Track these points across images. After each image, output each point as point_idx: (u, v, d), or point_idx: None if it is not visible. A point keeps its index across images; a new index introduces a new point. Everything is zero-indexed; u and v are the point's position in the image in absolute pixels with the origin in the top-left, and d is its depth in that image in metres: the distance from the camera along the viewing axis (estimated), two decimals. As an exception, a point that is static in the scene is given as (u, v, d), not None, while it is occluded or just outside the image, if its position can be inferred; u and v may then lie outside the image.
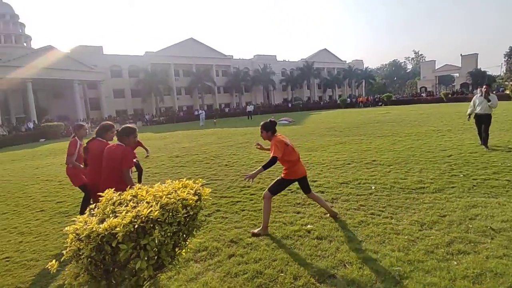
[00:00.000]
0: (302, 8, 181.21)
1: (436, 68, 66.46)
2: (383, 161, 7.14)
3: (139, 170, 6.22)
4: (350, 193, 5.08)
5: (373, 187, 5.27)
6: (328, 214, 4.15)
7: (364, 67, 74.54)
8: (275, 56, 61.66)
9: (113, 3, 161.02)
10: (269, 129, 4.05)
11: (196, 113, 41.76)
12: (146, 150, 5.99)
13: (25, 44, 41.56)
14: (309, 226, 3.91)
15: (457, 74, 63.38)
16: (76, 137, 4.75)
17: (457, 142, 8.82)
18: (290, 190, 5.50)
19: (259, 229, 3.88)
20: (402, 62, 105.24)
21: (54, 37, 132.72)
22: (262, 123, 4.10)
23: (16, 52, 34.83)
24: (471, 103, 8.18)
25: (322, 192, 5.25)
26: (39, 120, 32.28)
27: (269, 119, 4.15)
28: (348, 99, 50.96)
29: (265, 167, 3.76)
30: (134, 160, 3.99)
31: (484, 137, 7.78)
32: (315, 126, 17.04)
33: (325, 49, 67.93)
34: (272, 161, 3.77)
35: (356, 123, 16.73)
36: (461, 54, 60.67)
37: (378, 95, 52.20)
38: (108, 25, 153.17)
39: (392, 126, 14.07)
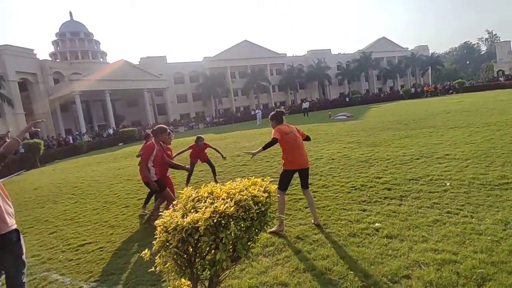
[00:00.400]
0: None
1: None
2: (458, 155, 6.52)
3: (211, 167, 7.54)
4: (421, 190, 4.77)
5: (448, 184, 4.87)
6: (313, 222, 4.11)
7: (430, 52, 67.90)
8: (330, 49, 59.83)
9: (173, 15, 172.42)
10: (273, 119, 4.30)
11: (253, 113, 42.72)
12: (221, 154, 7.47)
13: (101, 59, 46.91)
14: (377, 224, 3.79)
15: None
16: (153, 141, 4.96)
17: (552, 131, 7.63)
18: (354, 187, 5.38)
19: (276, 226, 3.95)
20: (474, 44, 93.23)
21: (124, 50, 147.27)
22: (271, 113, 4.38)
23: (94, 67, 39.56)
24: None
25: (389, 189, 5.01)
26: (117, 126, 36.26)
27: (276, 110, 4.40)
28: (412, 89, 47.16)
29: (265, 147, 4.10)
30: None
31: None
32: (376, 120, 16.16)
33: (384, 37, 63.76)
34: (271, 142, 4.07)
35: (423, 115, 15.44)
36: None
37: (448, 82, 47.21)
38: (170, 35, 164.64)
39: (467, 116, 12.67)
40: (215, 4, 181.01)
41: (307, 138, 4.46)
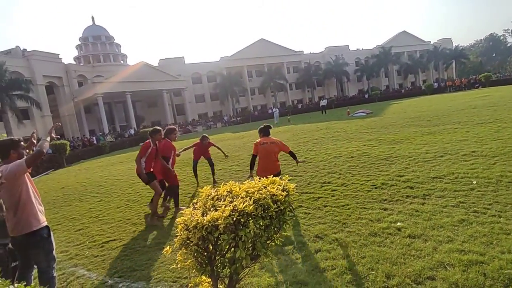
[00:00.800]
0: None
1: (553, 36, 54.32)
2: (486, 152, 6.25)
3: (211, 166, 7.93)
4: (445, 189, 4.61)
5: (474, 182, 4.69)
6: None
7: (454, 45, 65.22)
8: (348, 45, 58.71)
9: (191, 17, 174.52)
10: (260, 132, 5.04)
11: (270, 111, 42.67)
12: (223, 153, 7.81)
13: (122, 62, 48.28)
14: (399, 223, 3.71)
15: None
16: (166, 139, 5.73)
17: None
18: (374, 185, 5.28)
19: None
20: (501, 36, 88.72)
21: (144, 52, 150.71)
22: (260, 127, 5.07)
23: (115, 69, 40.77)
24: None
25: (412, 188, 4.88)
26: (138, 126, 37.20)
27: (263, 124, 5.08)
28: (435, 84, 45.54)
29: (251, 166, 4.74)
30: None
31: None
32: (396, 117, 15.73)
33: (404, 31, 61.81)
34: (251, 159, 4.80)
35: (446, 110, 14.89)
36: None
37: (474, 76, 45.25)
38: (188, 36, 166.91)
39: (494, 111, 12.10)
40: (231, 4, 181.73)
41: (291, 153, 4.96)
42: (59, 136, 23.72)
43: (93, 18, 47.08)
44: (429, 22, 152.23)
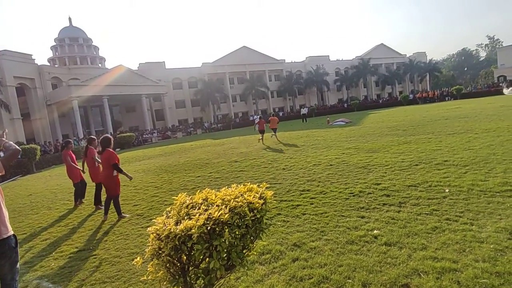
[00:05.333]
0: (356, 4, 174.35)
1: (517, 53, 58.16)
2: (457, 161, 6.48)
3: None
4: (420, 197, 4.72)
5: (447, 190, 4.82)
6: None
7: (428, 59, 68.42)
8: (328, 56, 60.18)
9: (172, 22, 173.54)
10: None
11: (251, 118, 42.76)
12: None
13: (100, 65, 46.91)
14: (375, 231, 3.73)
15: (546, 59, 54.71)
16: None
17: (551, 137, 7.61)
18: (352, 193, 5.32)
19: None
20: (473, 50, 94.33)
21: (123, 56, 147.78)
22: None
23: (92, 72, 39.52)
24: None
25: (388, 196, 4.96)
26: (115, 132, 36.12)
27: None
28: (411, 95, 47.33)
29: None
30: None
31: None
32: (374, 126, 16.16)
33: (382, 44, 64.19)
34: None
35: (421, 121, 15.45)
36: (549, 35, 52.28)
37: (446, 89, 47.45)
38: (169, 41, 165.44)
39: (465, 122, 12.68)
40: (214, 10, 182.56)
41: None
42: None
43: (70, 19, 45.67)
44: (405, 36, 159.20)
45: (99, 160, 6.65)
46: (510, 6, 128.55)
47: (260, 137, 14.93)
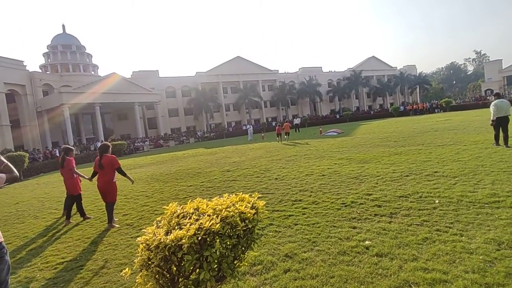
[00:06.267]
0: (348, 17, 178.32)
1: (503, 68, 60.10)
2: (447, 173, 6.57)
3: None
4: (411, 208, 4.75)
5: (437, 201, 4.87)
6: None
7: (418, 72, 70.05)
8: (321, 67, 61.12)
9: (167, 30, 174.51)
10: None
11: (244, 128, 42.84)
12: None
13: (92, 72, 46.70)
14: (367, 242, 3.73)
15: (530, 73, 56.60)
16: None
17: (536, 149, 7.80)
18: (344, 204, 5.33)
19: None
20: (461, 64, 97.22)
21: (118, 63, 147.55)
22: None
23: (85, 80, 39.29)
24: None
25: (379, 206, 4.98)
26: (106, 139, 35.72)
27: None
28: (401, 107, 48.20)
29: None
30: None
31: None
32: (366, 137, 16.34)
33: (374, 56, 65.55)
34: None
35: (411, 132, 15.69)
36: (533, 51, 54.28)
37: (435, 101, 48.49)
38: (164, 51, 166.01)
39: (455, 134, 12.92)
40: (208, 20, 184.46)
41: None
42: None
43: (63, 26, 45.63)
44: (396, 49, 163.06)
45: (78, 172, 6.70)
46: (494, 23, 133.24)
47: (278, 139, 20.50)
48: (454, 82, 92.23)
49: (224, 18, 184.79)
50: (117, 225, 5.74)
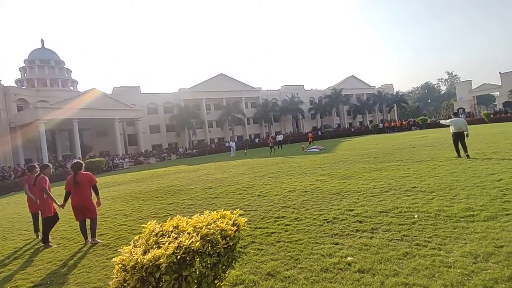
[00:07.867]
0: (328, 37, 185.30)
1: (473, 88, 63.71)
2: (424, 188, 6.75)
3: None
4: (391, 223, 4.81)
5: (415, 216, 4.97)
6: None
7: (395, 91, 73.06)
8: (303, 85, 62.61)
9: (150, 46, 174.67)
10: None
11: (227, 144, 42.71)
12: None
13: (71, 87, 45.67)
14: (349, 258, 3.73)
15: (498, 93, 60.33)
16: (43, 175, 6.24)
17: (506, 165, 8.18)
18: (326, 220, 5.34)
19: None
20: (435, 84, 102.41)
21: (98, 79, 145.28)
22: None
23: (63, 95, 38.32)
24: None
25: (361, 222, 5.02)
26: (83, 156, 34.58)
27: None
28: (380, 124, 49.78)
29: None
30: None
31: None
32: (347, 153, 16.66)
33: (353, 75, 67.92)
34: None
35: (390, 149, 16.14)
36: (500, 72, 58.18)
37: (413, 119, 50.47)
38: (145, 65, 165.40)
39: (431, 150, 13.40)
40: (192, 37, 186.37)
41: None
42: None
43: (42, 41, 44.82)
44: (373, 68, 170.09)
45: (50, 194, 6.05)
46: (449, 50, 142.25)
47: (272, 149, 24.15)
48: (429, 100, 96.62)
49: (207, 35, 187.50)
50: (100, 241, 5.70)
